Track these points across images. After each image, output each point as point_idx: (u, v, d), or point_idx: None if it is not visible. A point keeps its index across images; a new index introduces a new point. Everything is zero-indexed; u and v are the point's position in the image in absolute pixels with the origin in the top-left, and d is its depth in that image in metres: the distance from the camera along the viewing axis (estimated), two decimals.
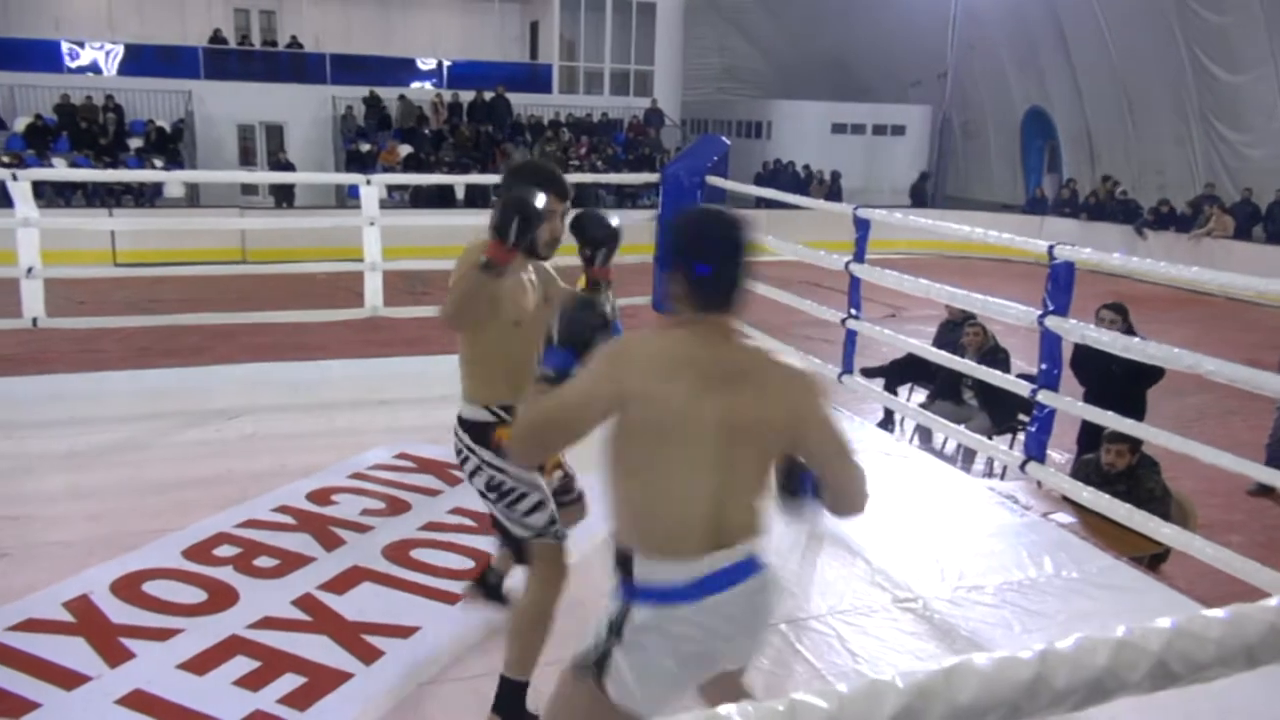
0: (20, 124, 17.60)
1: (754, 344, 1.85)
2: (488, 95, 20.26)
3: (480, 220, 2.56)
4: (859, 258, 4.71)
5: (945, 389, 6.81)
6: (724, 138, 6.55)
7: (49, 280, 5.39)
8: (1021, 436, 6.29)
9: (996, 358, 5.96)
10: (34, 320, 5.19)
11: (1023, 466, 3.94)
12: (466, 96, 20.24)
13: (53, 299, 5.55)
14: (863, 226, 4.68)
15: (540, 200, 2.35)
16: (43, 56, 18.75)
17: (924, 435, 6.85)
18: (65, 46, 19.08)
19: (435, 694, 2.70)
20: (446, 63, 21.42)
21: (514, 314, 2.50)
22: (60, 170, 14.53)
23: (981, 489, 4.40)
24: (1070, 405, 3.72)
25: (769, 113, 24.03)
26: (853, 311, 4.89)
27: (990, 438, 5.44)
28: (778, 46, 27.27)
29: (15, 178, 5.06)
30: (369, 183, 5.96)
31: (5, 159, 15.60)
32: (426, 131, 19.08)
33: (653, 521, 1.77)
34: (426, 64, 21.35)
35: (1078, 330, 3.54)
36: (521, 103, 20.74)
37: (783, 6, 25.53)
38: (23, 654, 2.78)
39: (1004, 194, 22.81)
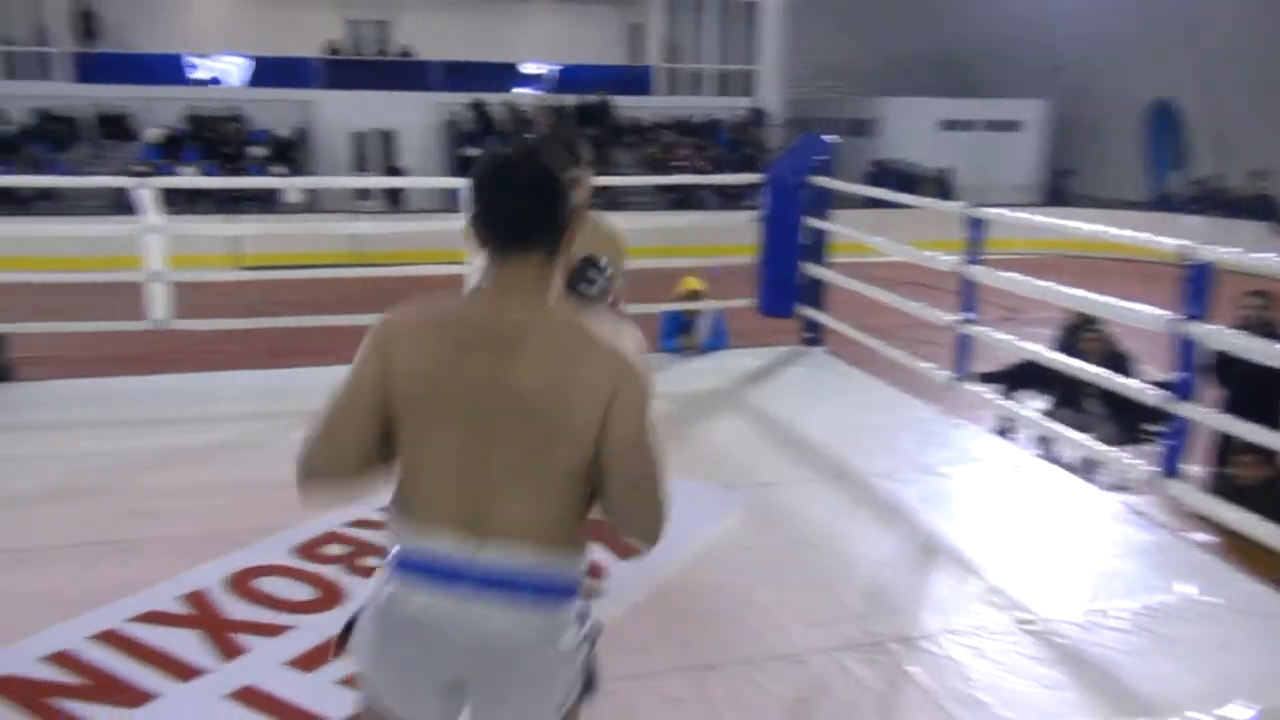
0: (152, 135, 18.58)
1: (558, 307, 1.59)
2: (591, 99, 20.41)
3: None
4: (971, 257, 4.51)
5: (1067, 396, 6.49)
6: (829, 136, 6.39)
7: (179, 284, 5.63)
8: (1151, 448, 5.96)
9: (1119, 363, 5.65)
10: (160, 321, 5.42)
11: (1155, 481, 3.69)
12: (570, 100, 20.44)
13: (182, 301, 5.79)
14: (975, 226, 4.48)
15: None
16: (172, 70, 19.78)
17: (1044, 445, 6.54)
18: (192, 60, 20.06)
19: None
20: (550, 67, 21.68)
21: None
22: (181, 179, 15.25)
23: (1109, 503, 4.14)
24: (1207, 416, 3.45)
25: (876, 110, 23.52)
26: (966, 315, 4.68)
27: (1116, 449, 5.13)
28: (885, 42, 26.65)
29: (144, 185, 5.29)
30: None
31: (140, 168, 16.48)
32: (530, 135, 19.33)
33: (401, 487, 1.59)
34: (531, 69, 21.66)
35: (1217, 336, 3.29)
36: (624, 105, 20.84)
37: (891, 1, 24.97)
38: (143, 645, 2.87)
39: (1127, 190, 21.74)
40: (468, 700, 1.55)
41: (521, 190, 1.56)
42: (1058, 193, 20.59)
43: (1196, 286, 3.30)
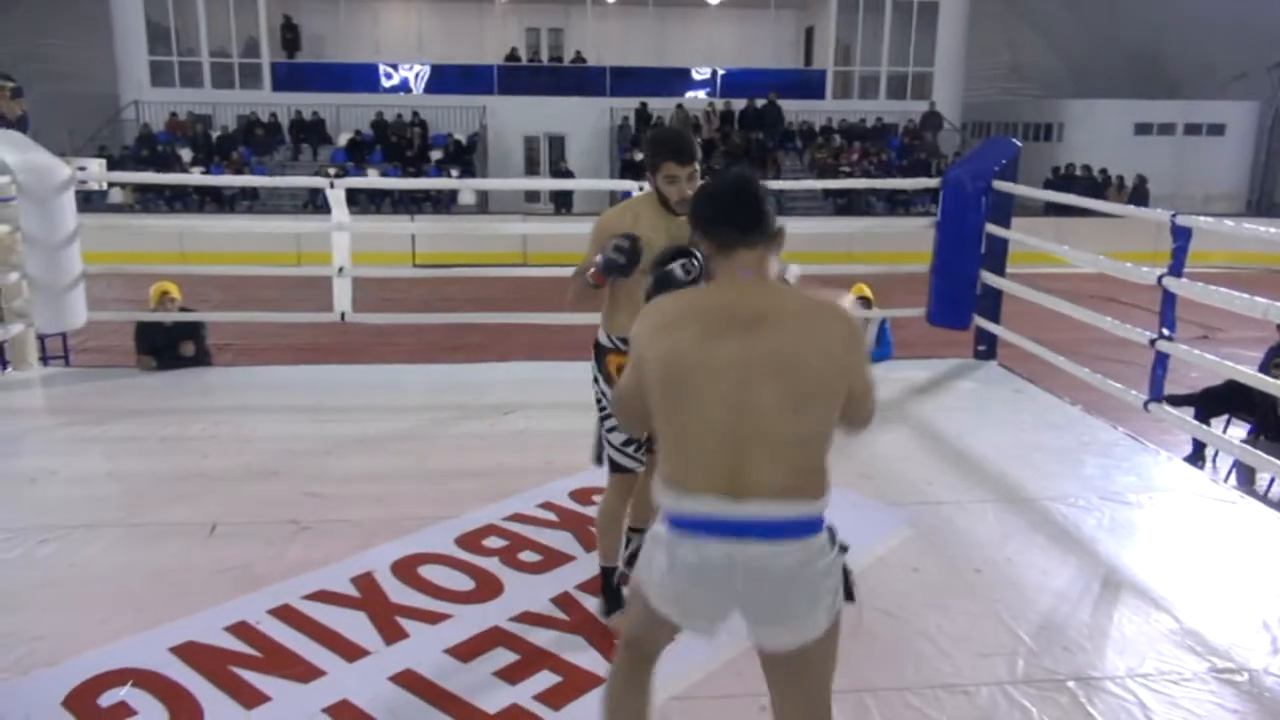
0: (343, 139, 19.76)
1: (778, 285, 1.92)
2: (759, 103, 20.27)
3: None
4: (1176, 270, 4.15)
5: (1270, 423, 5.92)
6: (1013, 140, 6.06)
7: (357, 279, 5.92)
8: None
9: None
10: (342, 315, 5.70)
11: None
12: (739, 104, 20.36)
13: (360, 296, 6.08)
14: (1182, 235, 4.11)
15: (627, 254, 2.74)
16: (362, 78, 20.97)
17: (1243, 476, 5.98)
18: (381, 69, 21.21)
19: (686, 709, 2.62)
20: (720, 71, 21.68)
21: (642, 263, 2.79)
22: (368, 179, 16.15)
23: None
24: None
25: (1060, 113, 22.30)
26: (1165, 331, 4.31)
27: None
28: (1072, 40, 25.24)
29: (333, 185, 5.59)
30: (641, 189, 6.03)
31: (331, 170, 17.57)
32: (698, 140, 19.37)
33: (666, 457, 1.87)
34: (701, 73, 21.72)
35: None
36: (794, 109, 20.60)
37: None
38: (314, 622, 3.01)
39: None
40: (746, 619, 1.85)
41: (744, 197, 1.92)
42: (1266, 203, 18.88)
43: None
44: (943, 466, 4.43)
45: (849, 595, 1.87)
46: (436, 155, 19.39)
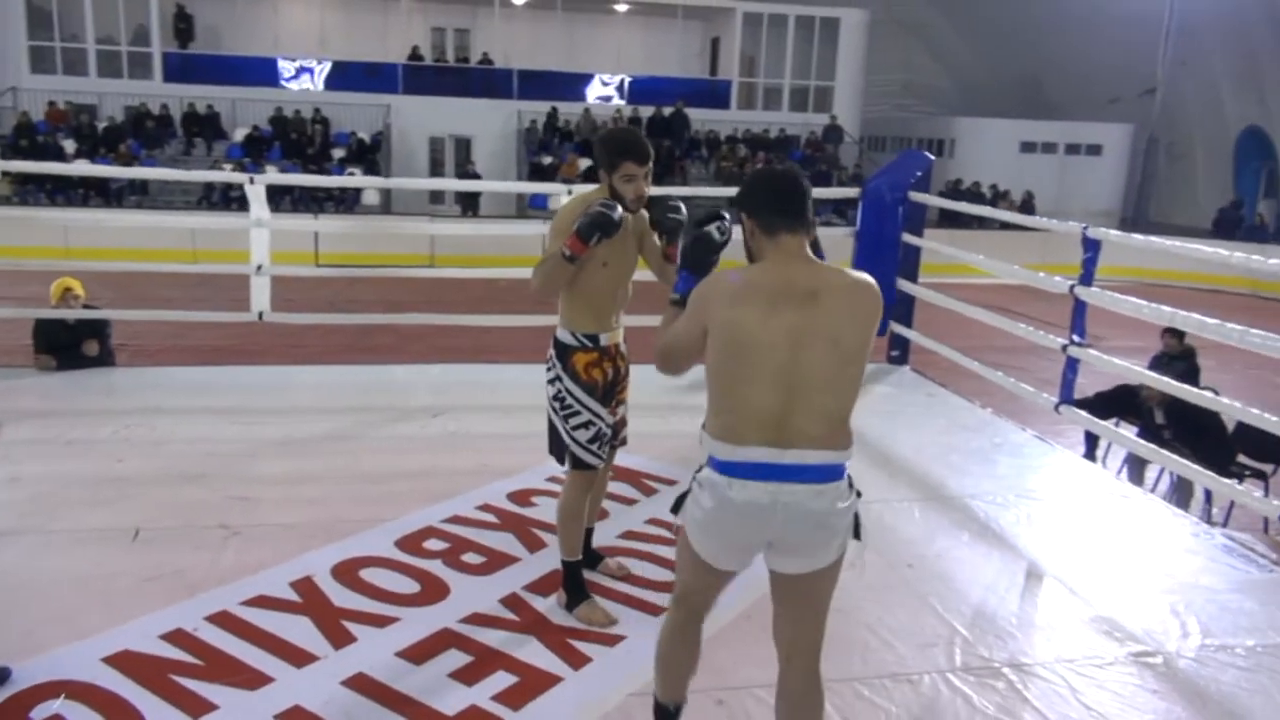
0: (239, 134, 19.10)
1: (823, 265, 2.16)
2: (667, 110, 20.47)
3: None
4: (1086, 280, 4.40)
5: (1152, 427, 6.32)
6: (926, 154, 6.31)
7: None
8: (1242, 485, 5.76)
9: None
10: (260, 314, 5.53)
11: None
12: (646, 111, 20.52)
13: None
14: (1092, 247, 4.37)
15: (618, 213, 2.81)
16: (261, 72, 20.30)
17: (1134, 473, 6.37)
18: (280, 63, 20.58)
19: (645, 705, 2.64)
20: (628, 78, 21.80)
21: (604, 256, 2.89)
22: (287, 175, 15.63)
23: (1217, 538, 4.01)
24: None
25: (951, 130, 23.23)
26: (1075, 338, 4.57)
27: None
28: (963, 62, 26.36)
29: (253, 181, 5.43)
30: (570, 192, 6.04)
31: (228, 166, 16.97)
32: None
33: (719, 415, 2.11)
34: (608, 79, 21.80)
35: None
36: (700, 118, 20.86)
37: (972, 21, 24.68)
38: (256, 628, 2.92)
39: (1211, 219, 21.16)
40: (773, 550, 2.13)
41: (796, 191, 2.18)
42: (1142, 220, 20.07)
43: None
44: (868, 467, 4.56)
45: (857, 534, 2.17)
46: (339, 154, 18.93)
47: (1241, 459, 6.16)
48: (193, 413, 4.99)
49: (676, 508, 2.22)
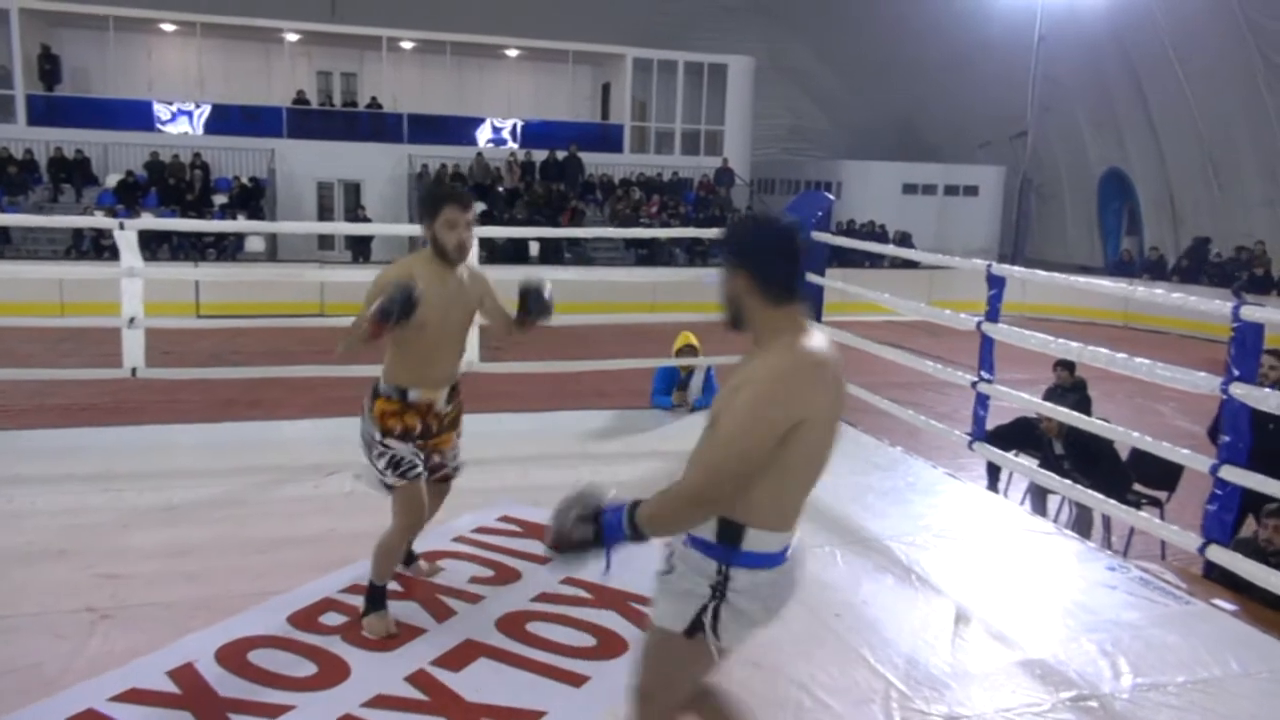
0: (112, 180, 18.17)
1: (819, 333, 2.03)
2: (560, 154, 20.46)
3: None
4: (992, 316, 4.43)
5: (1052, 459, 6.45)
6: (826, 194, 6.35)
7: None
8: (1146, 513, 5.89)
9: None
10: (133, 370, 5.13)
11: (1202, 549, 3.58)
12: (540, 155, 20.46)
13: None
14: (997, 283, 4.41)
15: (416, 293, 2.85)
16: (135, 116, 19.42)
17: (1037, 503, 6.46)
18: (156, 107, 19.75)
19: None
20: (520, 122, 21.73)
21: (423, 319, 2.94)
22: (164, 220, 14.90)
23: (1132, 570, 4.03)
24: (1264, 483, 3.32)
25: (838, 173, 23.93)
26: (983, 374, 4.59)
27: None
28: (844, 106, 27.28)
29: (123, 227, 5.05)
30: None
31: (99, 213, 16.07)
32: (501, 189, 19.26)
33: (781, 504, 2.00)
34: (500, 123, 21.68)
35: (1272, 399, 3.19)
36: (593, 162, 20.91)
37: (850, 68, 25.59)
38: None
39: (1080, 256, 22.34)
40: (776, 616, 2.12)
41: (802, 253, 2.04)
42: (1019, 257, 20.96)
43: (1244, 348, 3.22)
44: None
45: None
46: (220, 199, 18.19)
47: (1137, 487, 6.32)
48: (56, 480, 4.53)
49: (695, 630, 1.99)
